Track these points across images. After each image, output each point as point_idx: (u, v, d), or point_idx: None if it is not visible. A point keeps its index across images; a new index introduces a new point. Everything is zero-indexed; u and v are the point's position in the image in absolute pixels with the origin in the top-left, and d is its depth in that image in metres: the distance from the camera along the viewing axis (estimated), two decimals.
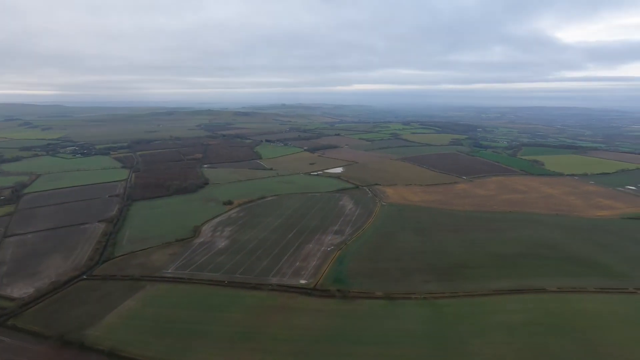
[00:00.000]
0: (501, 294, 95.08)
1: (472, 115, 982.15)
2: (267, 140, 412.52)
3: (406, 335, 79.25)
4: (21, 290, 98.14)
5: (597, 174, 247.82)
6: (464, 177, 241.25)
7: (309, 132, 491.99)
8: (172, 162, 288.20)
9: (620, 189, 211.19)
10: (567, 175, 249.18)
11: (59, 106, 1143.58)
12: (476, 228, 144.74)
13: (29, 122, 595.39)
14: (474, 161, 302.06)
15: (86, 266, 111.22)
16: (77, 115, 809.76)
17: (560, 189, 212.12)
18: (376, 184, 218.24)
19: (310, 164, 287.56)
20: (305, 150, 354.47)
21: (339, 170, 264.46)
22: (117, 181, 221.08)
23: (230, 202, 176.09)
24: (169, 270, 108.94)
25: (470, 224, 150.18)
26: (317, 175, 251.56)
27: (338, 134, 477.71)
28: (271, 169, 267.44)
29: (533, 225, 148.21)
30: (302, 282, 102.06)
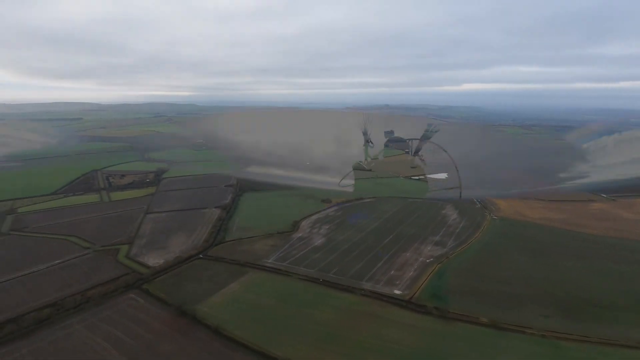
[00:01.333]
0: None
1: (615, 120, 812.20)
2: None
3: None
4: (154, 260, 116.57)
5: None
6: (603, 195, 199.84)
7: None
8: None
9: None
10: None
11: (192, 105, 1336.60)
12: (616, 258, 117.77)
13: (171, 119, 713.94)
14: None
15: (203, 246, 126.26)
16: (205, 113, 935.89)
17: None
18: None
19: (411, 167, 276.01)
20: (406, 152, 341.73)
21: (443, 175, 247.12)
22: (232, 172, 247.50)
23: (328, 200, 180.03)
24: (270, 260, 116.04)
25: (607, 252, 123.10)
26: (419, 179, 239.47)
27: None
28: (370, 170, 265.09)
29: None
30: (397, 292, 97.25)
